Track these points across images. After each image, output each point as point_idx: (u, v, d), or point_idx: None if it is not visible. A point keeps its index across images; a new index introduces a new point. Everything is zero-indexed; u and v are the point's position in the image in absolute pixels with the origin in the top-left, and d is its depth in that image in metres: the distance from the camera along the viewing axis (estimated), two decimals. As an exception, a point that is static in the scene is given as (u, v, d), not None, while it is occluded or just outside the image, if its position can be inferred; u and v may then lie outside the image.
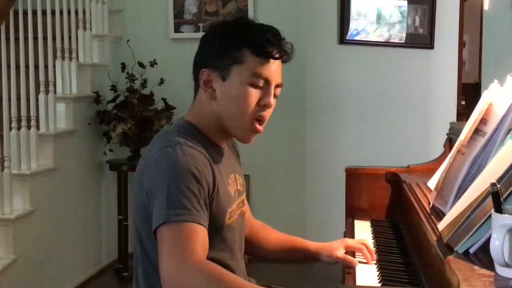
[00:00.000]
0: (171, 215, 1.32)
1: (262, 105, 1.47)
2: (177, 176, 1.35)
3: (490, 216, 1.11)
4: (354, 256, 1.68)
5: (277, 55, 1.47)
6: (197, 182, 1.36)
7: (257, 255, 1.82)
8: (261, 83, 1.46)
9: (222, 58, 1.46)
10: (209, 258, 1.35)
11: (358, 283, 1.52)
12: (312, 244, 1.76)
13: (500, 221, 1.04)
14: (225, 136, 1.56)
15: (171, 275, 1.27)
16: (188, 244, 1.29)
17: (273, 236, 1.80)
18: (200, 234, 1.33)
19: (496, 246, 1.02)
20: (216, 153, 1.51)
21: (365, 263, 1.66)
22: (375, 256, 1.69)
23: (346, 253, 1.69)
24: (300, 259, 1.81)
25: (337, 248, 1.70)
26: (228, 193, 1.51)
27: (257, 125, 1.49)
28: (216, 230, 1.44)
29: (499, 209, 1.07)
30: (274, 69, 1.48)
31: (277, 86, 1.50)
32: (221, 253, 1.47)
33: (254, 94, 1.46)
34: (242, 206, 1.61)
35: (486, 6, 3.59)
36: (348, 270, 1.63)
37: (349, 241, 1.74)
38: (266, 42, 1.45)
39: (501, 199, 1.07)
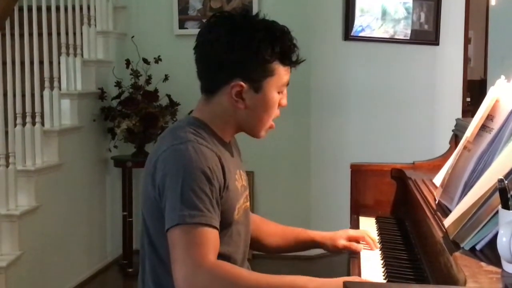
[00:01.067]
0: (185, 216, 1.34)
1: (280, 105, 1.55)
2: (190, 176, 1.37)
3: (497, 212, 1.10)
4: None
5: (299, 62, 1.53)
6: (209, 183, 1.38)
7: (259, 249, 1.82)
8: (284, 89, 1.54)
9: (256, 71, 1.48)
10: None
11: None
12: (316, 234, 1.79)
13: (507, 217, 1.04)
14: (234, 133, 1.59)
15: (187, 281, 1.31)
16: (202, 248, 1.33)
17: (273, 229, 1.82)
18: (213, 236, 1.36)
19: (503, 242, 1.02)
20: (225, 149, 1.53)
21: (369, 249, 1.72)
22: (378, 245, 1.76)
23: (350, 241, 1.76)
24: (303, 249, 1.82)
25: (340, 237, 1.76)
26: (236, 188, 1.53)
27: (273, 124, 1.56)
28: (225, 225, 1.45)
29: (506, 206, 1.06)
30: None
31: None
32: (227, 248, 1.48)
33: (278, 99, 1.53)
34: (247, 201, 1.63)
35: (493, 2, 3.57)
36: (352, 256, 1.68)
37: (351, 231, 1.80)
38: (292, 52, 1.51)
39: (509, 195, 1.07)
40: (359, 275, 1.54)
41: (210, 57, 1.51)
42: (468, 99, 5.32)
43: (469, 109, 4.74)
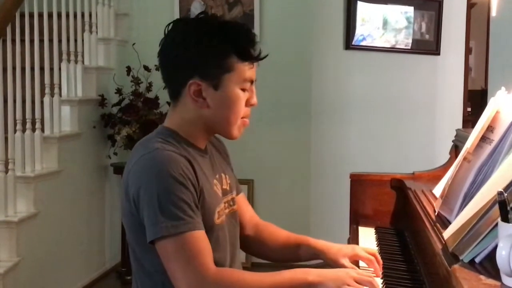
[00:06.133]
0: (169, 227, 1.33)
1: (250, 104, 1.53)
2: (164, 185, 1.35)
3: (496, 225, 1.09)
4: (357, 264, 1.65)
5: (260, 57, 1.50)
6: (185, 187, 1.37)
7: (262, 255, 1.78)
8: (248, 85, 1.51)
9: (211, 68, 1.46)
10: None
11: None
12: (320, 244, 1.69)
13: (507, 230, 1.03)
14: (207, 137, 1.57)
15: None
16: (198, 257, 1.34)
17: (275, 234, 1.75)
18: (202, 240, 1.36)
19: (503, 255, 1.01)
20: (198, 155, 1.51)
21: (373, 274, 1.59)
22: (380, 273, 1.62)
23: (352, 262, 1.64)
24: (305, 257, 1.71)
25: (345, 255, 1.64)
26: (214, 192, 1.51)
27: (246, 120, 1.53)
28: (207, 230, 1.43)
29: (506, 218, 1.05)
30: (254, 69, 1.51)
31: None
32: (214, 253, 1.46)
33: (244, 97, 1.50)
34: (233, 205, 1.61)
35: (494, 13, 3.56)
36: None
37: (358, 250, 1.67)
38: (250, 46, 1.48)
39: (508, 208, 1.06)
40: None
41: (167, 61, 1.52)
42: (469, 109, 5.32)
43: (470, 119, 4.73)
